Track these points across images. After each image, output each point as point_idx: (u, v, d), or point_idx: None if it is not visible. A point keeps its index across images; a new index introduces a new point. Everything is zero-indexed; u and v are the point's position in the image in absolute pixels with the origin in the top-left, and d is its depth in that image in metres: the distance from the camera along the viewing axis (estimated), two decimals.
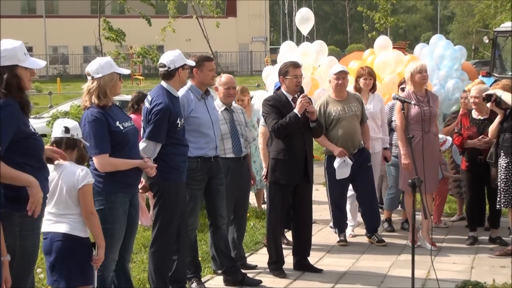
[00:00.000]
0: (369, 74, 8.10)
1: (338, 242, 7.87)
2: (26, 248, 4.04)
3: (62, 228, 4.58)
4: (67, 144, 4.64)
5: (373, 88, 8.18)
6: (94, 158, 5.01)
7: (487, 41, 17.98)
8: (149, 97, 5.78)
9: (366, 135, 7.80)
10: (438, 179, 7.92)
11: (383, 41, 10.03)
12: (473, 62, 26.83)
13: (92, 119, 4.97)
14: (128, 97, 17.91)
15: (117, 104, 5.34)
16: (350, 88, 8.09)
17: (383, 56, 9.58)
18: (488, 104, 7.45)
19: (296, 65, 6.80)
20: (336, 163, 7.51)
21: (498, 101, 7.29)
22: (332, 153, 7.66)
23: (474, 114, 7.89)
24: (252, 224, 8.64)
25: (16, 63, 4.09)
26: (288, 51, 9.25)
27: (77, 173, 4.57)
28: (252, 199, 9.00)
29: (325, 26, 76.24)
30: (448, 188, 8.93)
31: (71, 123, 4.73)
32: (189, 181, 5.98)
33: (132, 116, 7.71)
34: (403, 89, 8.12)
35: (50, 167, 4.53)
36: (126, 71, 5.24)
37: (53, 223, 4.62)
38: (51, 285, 4.80)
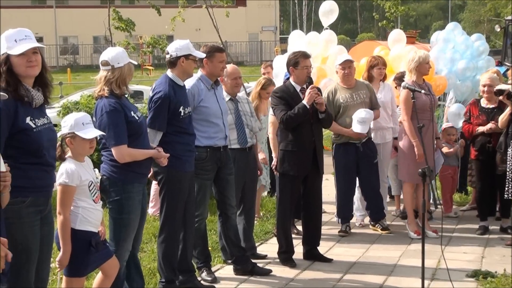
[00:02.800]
0: (383, 64, 8.15)
1: (338, 232, 7.87)
2: (15, 237, 3.98)
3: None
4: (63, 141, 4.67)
5: (384, 78, 8.20)
6: (112, 149, 4.97)
7: (498, 30, 17.94)
8: (153, 86, 5.81)
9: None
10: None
11: (396, 35, 9.96)
12: None
13: (110, 109, 4.94)
14: (137, 87, 18.03)
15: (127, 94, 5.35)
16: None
17: (397, 50, 9.53)
18: (500, 97, 7.43)
19: (306, 56, 6.78)
20: (360, 114, 7.49)
21: (511, 95, 7.28)
22: (340, 141, 7.70)
23: (483, 103, 7.87)
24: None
25: (5, 51, 4.05)
26: (296, 41, 9.21)
27: (60, 170, 4.58)
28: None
29: None
30: (457, 177, 8.92)
31: (63, 121, 4.71)
32: (198, 171, 5.98)
33: None
34: (399, 79, 8.13)
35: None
36: (134, 61, 5.20)
37: None
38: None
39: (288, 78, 7.15)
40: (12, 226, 3.98)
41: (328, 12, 9.68)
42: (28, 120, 4.10)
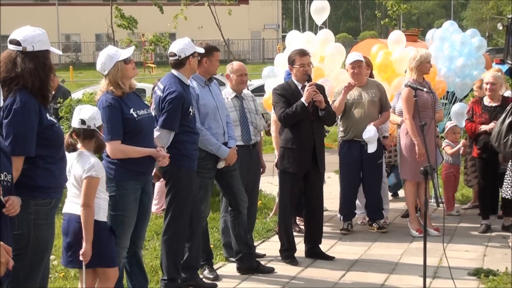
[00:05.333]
0: (367, 64, 8.11)
1: (340, 230, 7.88)
2: (41, 237, 4.07)
3: (78, 210, 4.63)
4: (85, 135, 4.70)
5: (370, 77, 8.21)
6: (106, 144, 5.03)
7: (501, 28, 17.91)
8: (161, 85, 5.76)
9: (381, 120, 7.77)
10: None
11: (397, 36, 9.99)
12: (487, 50, 26.67)
13: (106, 105, 5.00)
14: (140, 85, 18.04)
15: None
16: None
17: (400, 52, 9.54)
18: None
19: (303, 54, 6.77)
20: (367, 134, 7.54)
21: None
22: (345, 139, 7.70)
23: (486, 101, 7.87)
24: (263, 211, 8.64)
25: (48, 47, 4.19)
26: (294, 40, 9.24)
27: (86, 163, 4.61)
28: (263, 186, 9.00)
29: (338, 13, 75.89)
30: (459, 175, 8.92)
31: (87, 114, 4.72)
32: (199, 169, 5.97)
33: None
34: None
35: (73, 154, 4.67)
36: (126, 54, 5.10)
37: (72, 205, 4.70)
38: (65, 265, 4.85)
39: (289, 76, 7.15)
40: (40, 227, 4.06)
41: (320, 9, 9.70)
42: (48, 116, 4.18)
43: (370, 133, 7.55)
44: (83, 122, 4.68)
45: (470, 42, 10.33)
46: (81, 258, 4.61)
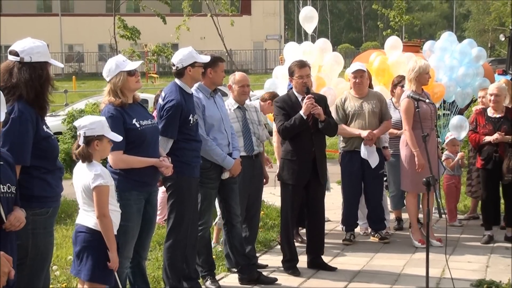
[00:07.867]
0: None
1: (343, 240, 7.86)
2: (39, 246, 4.08)
3: (88, 221, 4.62)
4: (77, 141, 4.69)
5: (369, 87, 8.22)
6: (108, 154, 5.05)
7: (503, 39, 17.94)
8: (162, 94, 5.85)
9: (381, 130, 7.75)
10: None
11: (393, 42, 10.05)
12: (489, 60, 26.71)
13: (108, 116, 5.03)
14: (142, 95, 18.09)
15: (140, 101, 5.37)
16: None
17: (396, 56, 9.57)
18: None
19: (301, 65, 6.79)
20: (363, 152, 7.54)
21: None
22: (346, 149, 7.71)
23: (490, 112, 7.87)
24: (266, 222, 8.62)
25: (48, 60, 4.23)
26: (291, 51, 9.27)
27: (90, 173, 4.57)
28: (266, 197, 8.99)
29: (340, 24, 76.08)
30: (461, 185, 8.92)
31: (79, 121, 4.69)
32: (203, 180, 6.00)
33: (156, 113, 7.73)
34: (399, 86, 8.20)
35: (78, 163, 4.67)
36: (132, 66, 5.13)
37: (82, 216, 4.67)
38: (75, 275, 4.83)
39: (291, 88, 7.17)
40: (38, 236, 4.09)
41: (309, 18, 9.76)
42: (45, 128, 4.21)
43: (366, 151, 7.58)
44: (76, 127, 4.68)
45: (469, 52, 10.36)
46: (110, 267, 4.57)
